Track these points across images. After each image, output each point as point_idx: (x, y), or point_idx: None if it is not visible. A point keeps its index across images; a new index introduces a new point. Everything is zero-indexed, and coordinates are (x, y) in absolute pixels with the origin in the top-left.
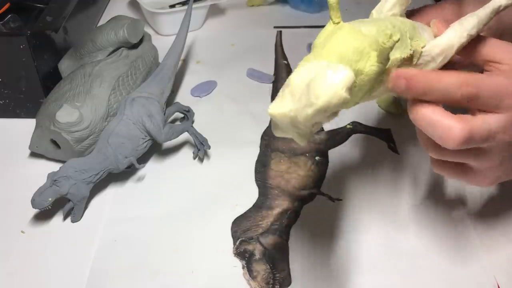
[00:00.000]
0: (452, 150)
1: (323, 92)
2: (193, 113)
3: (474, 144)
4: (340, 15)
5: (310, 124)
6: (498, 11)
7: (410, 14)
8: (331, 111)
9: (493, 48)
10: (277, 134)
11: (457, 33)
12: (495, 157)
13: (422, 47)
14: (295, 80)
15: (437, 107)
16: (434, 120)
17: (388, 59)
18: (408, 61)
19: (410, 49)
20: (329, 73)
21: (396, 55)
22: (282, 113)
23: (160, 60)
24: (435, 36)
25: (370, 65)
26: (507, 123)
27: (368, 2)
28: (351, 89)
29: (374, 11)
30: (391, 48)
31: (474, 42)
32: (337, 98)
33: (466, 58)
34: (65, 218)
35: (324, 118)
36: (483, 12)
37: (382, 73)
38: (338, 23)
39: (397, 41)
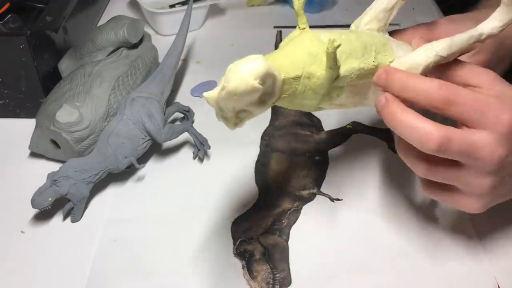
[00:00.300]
0: (436, 165)
1: (232, 78)
2: (193, 113)
3: (454, 152)
4: (305, 20)
5: (230, 107)
6: (480, 40)
7: (394, 32)
8: (241, 96)
9: (468, 72)
10: (218, 119)
11: (424, 52)
12: (483, 179)
13: (390, 62)
14: (227, 69)
15: (415, 113)
16: (413, 123)
17: (337, 65)
18: (374, 73)
19: (374, 61)
20: (243, 62)
21: (353, 64)
22: (211, 97)
23: (160, 60)
24: None
25: (322, 69)
26: (493, 141)
27: (369, 2)
28: (263, 79)
29: (352, 25)
30: (334, 53)
31: (452, 65)
32: (244, 85)
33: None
34: (65, 218)
35: (245, 104)
36: (459, 37)
37: (338, 80)
38: (303, 28)
39: (337, 47)
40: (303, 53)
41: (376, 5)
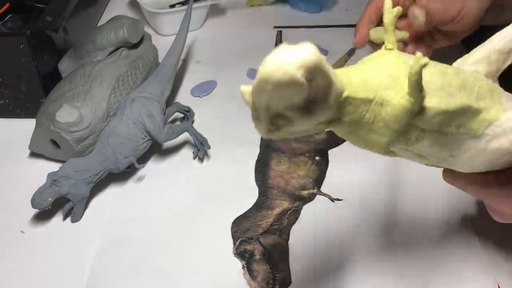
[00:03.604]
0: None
1: (269, 62)
2: (193, 113)
3: None
4: (394, 40)
5: (263, 104)
6: None
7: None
8: (277, 87)
9: None
10: (253, 121)
11: None
12: None
13: (493, 117)
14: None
15: None
16: None
17: (421, 95)
18: (472, 122)
19: (475, 105)
20: (288, 46)
21: (444, 100)
22: (246, 90)
23: (160, 60)
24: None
25: (399, 97)
26: None
27: None
28: (311, 74)
29: (455, 63)
30: (418, 75)
31: None
32: (282, 72)
33: None
34: (65, 218)
35: (284, 106)
36: None
37: (419, 116)
38: (391, 49)
39: (423, 66)
40: (381, 74)
41: (490, 44)
